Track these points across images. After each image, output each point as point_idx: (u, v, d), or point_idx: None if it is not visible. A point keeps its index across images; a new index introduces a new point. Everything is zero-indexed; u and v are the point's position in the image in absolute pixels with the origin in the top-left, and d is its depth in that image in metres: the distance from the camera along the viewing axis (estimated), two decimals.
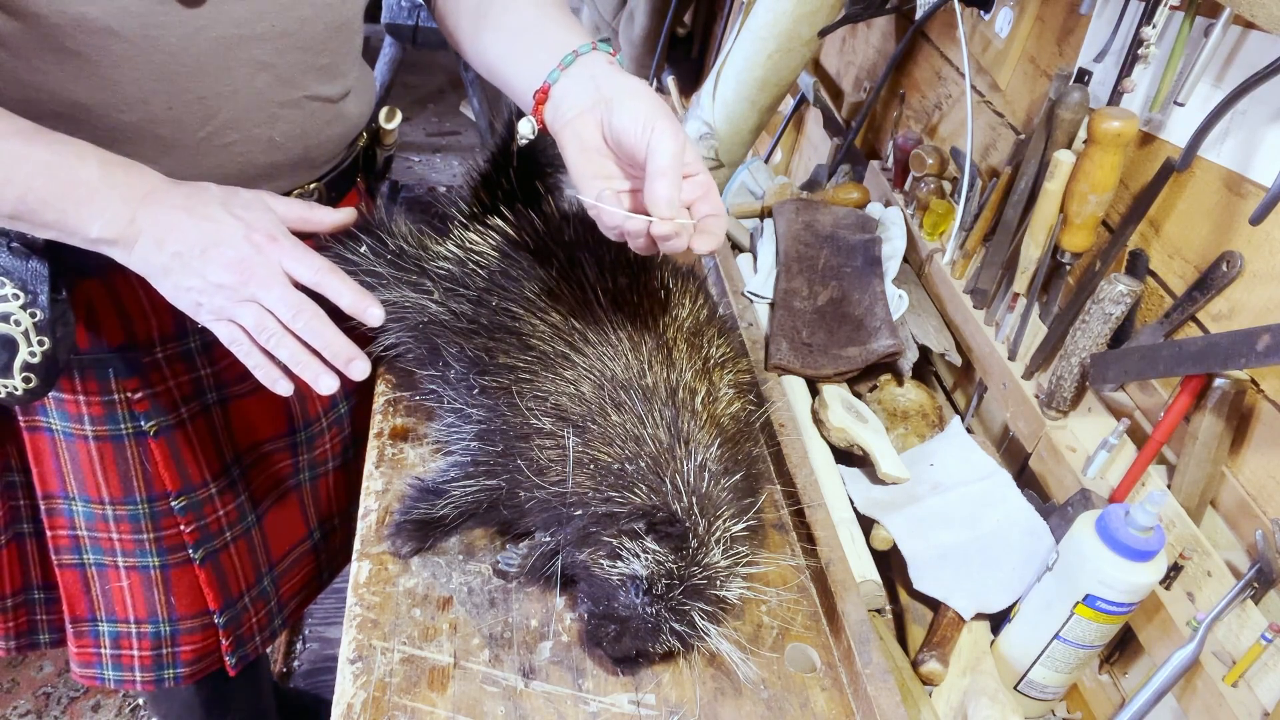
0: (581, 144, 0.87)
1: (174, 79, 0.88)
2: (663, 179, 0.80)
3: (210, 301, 0.85)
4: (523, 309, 0.97)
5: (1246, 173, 0.95)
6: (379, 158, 1.22)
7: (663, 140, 0.81)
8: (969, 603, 0.99)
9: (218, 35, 0.87)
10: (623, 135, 0.84)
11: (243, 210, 0.86)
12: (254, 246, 0.84)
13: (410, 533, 0.95)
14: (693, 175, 0.85)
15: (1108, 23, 1.14)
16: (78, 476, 1.06)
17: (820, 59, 2.17)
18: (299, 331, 0.85)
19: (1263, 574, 0.85)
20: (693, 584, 0.83)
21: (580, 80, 0.89)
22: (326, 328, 0.86)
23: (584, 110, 0.87)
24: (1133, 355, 0.99)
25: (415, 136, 4.35)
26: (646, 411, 0.88)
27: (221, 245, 0.84)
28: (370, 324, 0.89)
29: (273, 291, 0.84)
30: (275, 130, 0.97)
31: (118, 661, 1.17)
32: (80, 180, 0.82)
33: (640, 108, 0.83)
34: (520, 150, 1.16)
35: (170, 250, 0.83)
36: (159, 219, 0.83)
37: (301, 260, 0.86)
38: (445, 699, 0.83)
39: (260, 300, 0.84)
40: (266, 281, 0.84)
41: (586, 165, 0.87)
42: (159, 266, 0.84)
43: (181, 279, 0.84)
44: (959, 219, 1.32)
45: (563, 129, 0.89)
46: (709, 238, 0.85)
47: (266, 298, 0.84)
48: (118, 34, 0.83)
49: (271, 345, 0.86)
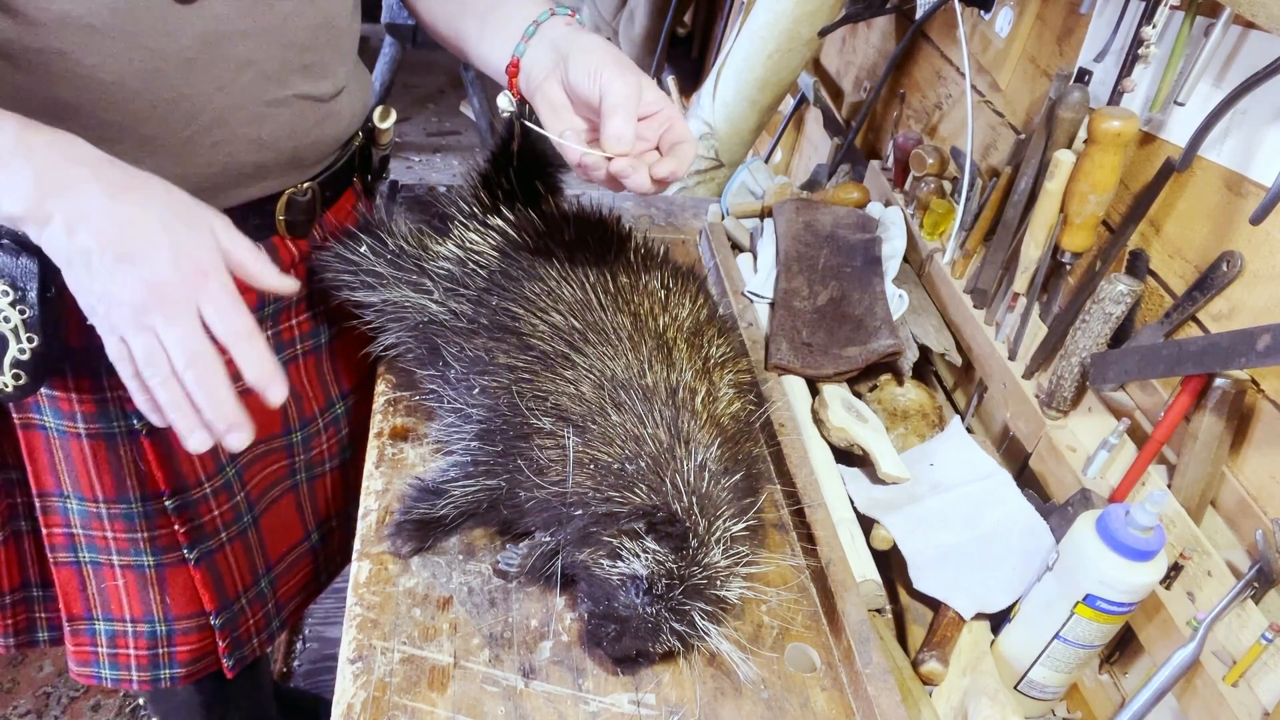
0: (551, 105, 0.93)
1: (156, 76, 0.87)
2: (612, 117, 0.86)
3: (106, 313, 0.77)
4: (523, 309, 0.97)
5: (1247, 172, 0.95)
6: (375, 157, 1.22)
7: (611, 83, 0.87)
8: (969, 603, 0.99)
9: (199, 32, 0.87)
10: (577, 87, 0.90)
11: (184, 229, 0.77)
12: (179, 274, 0.76)
13: (410, 533, 0.95)
14: (653, 114, 0.91)
15: (1108, 22, 1.14)
16: (71, 474, 1.06)
17: (820, 59, 2.17)
18: (187, 384, 0.77)
19: (1263, 574, 0.85)
20: (693, 584, 0.83)
21: (542, 47, 0.96)
22: (219, 387, 0.77)
23: (548, 73, 0.94)
24: (1133, 355, 0.99)
25: (415, 136, 4.34)
26: (646, 411, 0.88)
27: (139, 260, 0.75)
28: (269, 402, 0.80)
29: (175, 329, 0.76)
30: (262, 129, 0.97)
31: (114, 660, 1.17)
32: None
33: (590, 59, 0.90)
34: (520, 150, 1.16)
35: (79, 244, 0.75)
36: (76, 203, 0.75)
37: (224, 312, 0.77)
38: (445, 699, 0.83)
39: (159, 333, 0.76)
40: (173, 316, 0.76)
41: (557, 123, 0.93)
42: (64, 254, 0.76)
43: (83, 277, 0.76)
44: (959, 219, 1.32)
45: (534, 95, 0.95)
46: (673, 160, 0.89)
47: (166, 334, 0.76)
48: (99, 30, 0.82)
49: (153, 385, 0.77)
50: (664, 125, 0.91)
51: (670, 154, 0.91)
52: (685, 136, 0.91)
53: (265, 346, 0.80)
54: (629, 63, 0.91)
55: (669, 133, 0.91)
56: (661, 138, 0.92)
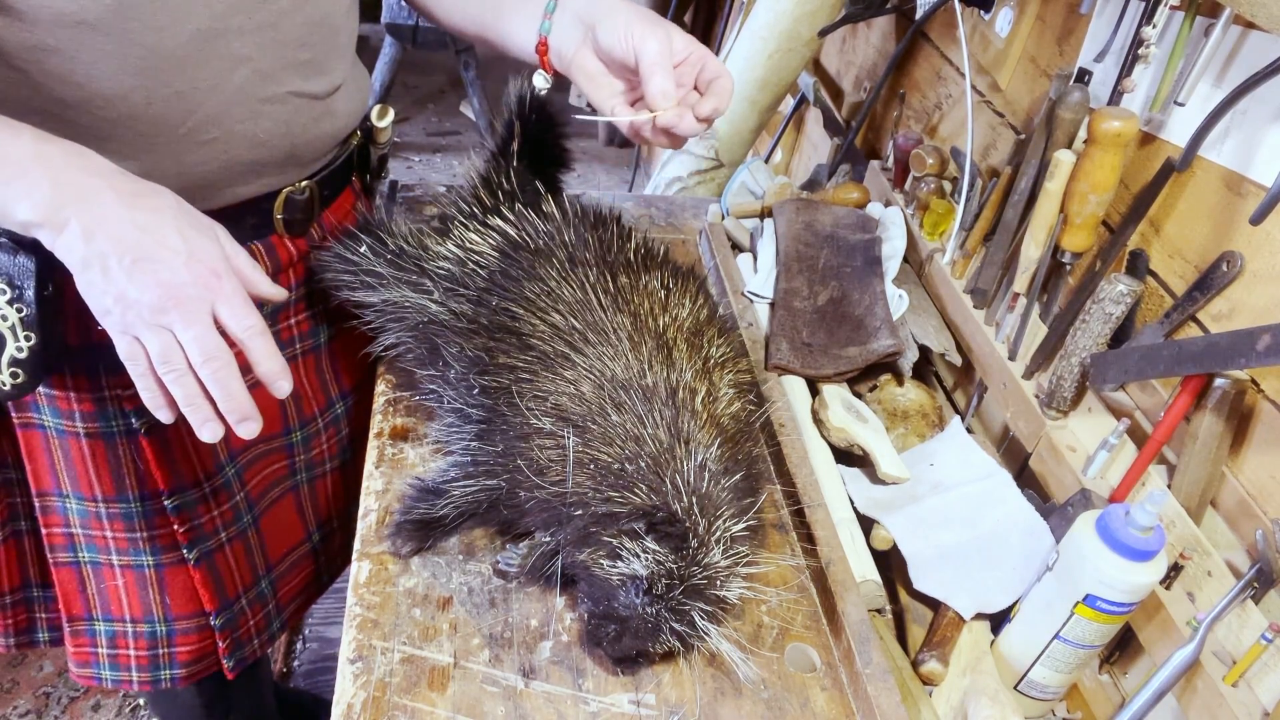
0: (587, 75, 0.98)
1: (151, 74, 0.87)
2: (654, 76, 0.91)
3: (121, 314, 0.80)
4: (523, 309, 0.97)
5: (1247, 172, 0.95)
6: (373, 156, 1.22)
7: (644, 42, 0.92)
8: (969, 603, 0.99)
9: (194, 28, 0.87)
10: (611, 50, 0.95)
11: (195, 234, 0.82)
12: (192, 276, 0.80)
13: (410, 533, 0.95)
14: (686, 58, 0.95)
15: (1108, 23, 1.14)
16: (70, 474, 1.06)
17: (820, 59, 2.17)
18: (205, 378, 0.81)
19: (1263, 574, 0.85)
20: (693, 584, 0.83)
21: (566, 20, 1.00)
22: (233, 380, 0.82)
23: (578, 45, 0.98)
24: (1133, 355, 0.99)
25: (415, 136, 4.35)
26: (646, 411, 0.88)
27: (156, 262, 0.79)
28: (276, 395, 0.85)
29: (192, 329, 0.80)
30: (258, 127, 0.97)
31: (114, 661, 1.17)
32: (8, 157, 0.77)
33: (618, 22, 0.93)
34: (520, 150, 1.16)
35: (97, 247, 0.78)
36: (94, 211, 0.78)
37: (237, 311, 0.82)
38: (445, 699, 0.83)
39: (175, 332, 0.80)
40: (190, 317, 0.80)
41: (598, 90, 0.98)
42: (80, 258, 0.79)
43: (98, 280, 0.79)
44: (959, 219, 1.32)
45: (569, 69, 1.00)
46: (713, 98, 0.95)
47: (184, 333, 0.80)
48: (94, 27, 0.82)
49: (169, 380, 0.81)
50: (698, 66, 0.96)
51: (710, 92, 0.96)
52: (720, 72, 0.96)
53: (274, 343, 0.85)
54: (652, 15, 0.95)
55: (704, 72, 0.96)
56: (698, 79, 0.96)
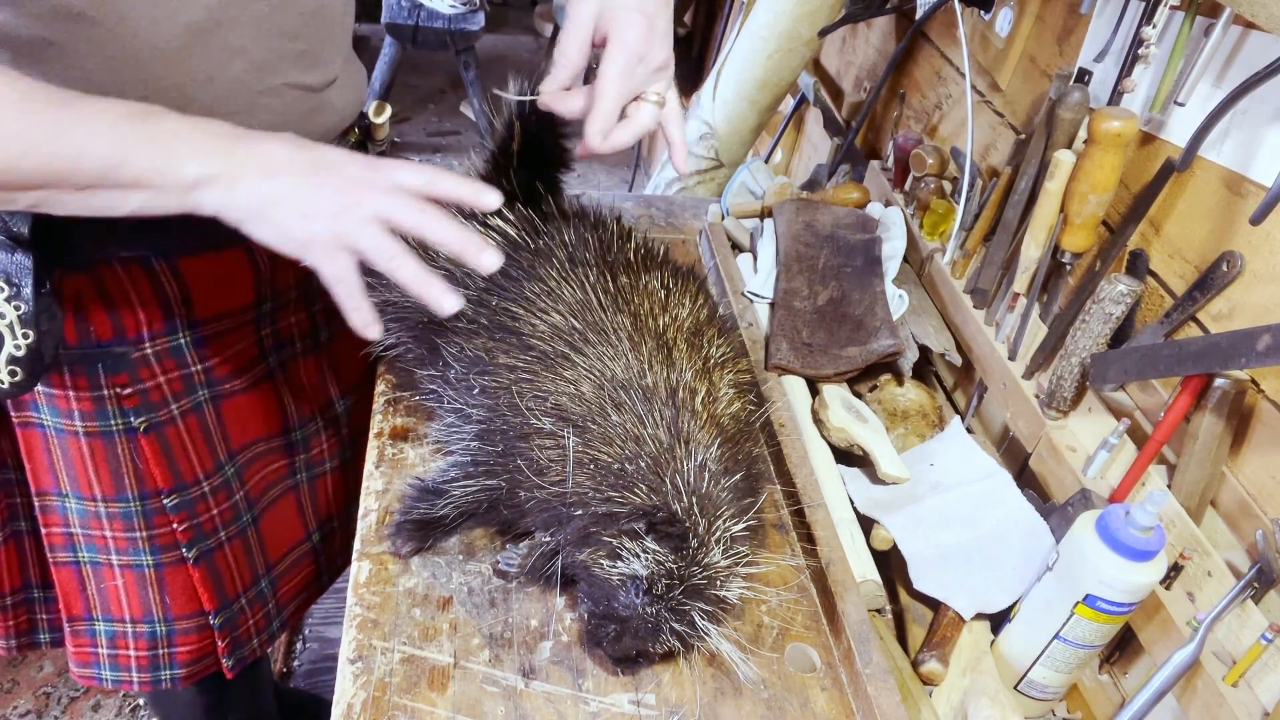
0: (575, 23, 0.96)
1: (148, 66, 0.87)
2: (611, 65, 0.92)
3: (326, 229, 0.81)
4: (523, 309, 0.97)
5: (1247, 173, 0.95)
6: (371, 153, 1.22)
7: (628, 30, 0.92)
8: (969, 603, 0.99)
9: (189, 20, 0.87)
10: None
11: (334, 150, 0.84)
12: (362, 165, 0.82)
13: (410, 533, 0.95)
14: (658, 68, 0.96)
15: (1108, 22, 1.14)
16: (70, 473, 1.06)
17: (820, 59, 2.17)
18: (427, 230, 0.82)
19: (1263, 574, 0.85)
20: (693, 584, 0.83)
21: None
22: (450, 223, 0.83)
23: None
24: (1133, 355, 0.99)
25: (415, 136, 4.35)
26: (646, 411, 0.88)
27: (330, 168, 0.81)
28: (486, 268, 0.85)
29: (394, 199, 0.82)
30: (255, 120, 0.96)
31: (115, 661, 1.17)
32: (165, 127, 0.79)
33: None
34: (520, 150, 1.16)
35: (282, 181, 0.80)
36: (260, 150, 0.80)
37: (409, 171, 0.84)
38: (445, 699, 0.83)
39: (380, 212, 0.81)
40: (386, 192, 0.82)
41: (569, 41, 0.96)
42: (267, 198, 0.80)
43: (292, 208, 0.80)
44: (959, 219, 1.32)
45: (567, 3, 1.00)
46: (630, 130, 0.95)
47: (387, 206, 0.81)
48: (92, 20, 0.82)
49: (395, 266, 0.82)
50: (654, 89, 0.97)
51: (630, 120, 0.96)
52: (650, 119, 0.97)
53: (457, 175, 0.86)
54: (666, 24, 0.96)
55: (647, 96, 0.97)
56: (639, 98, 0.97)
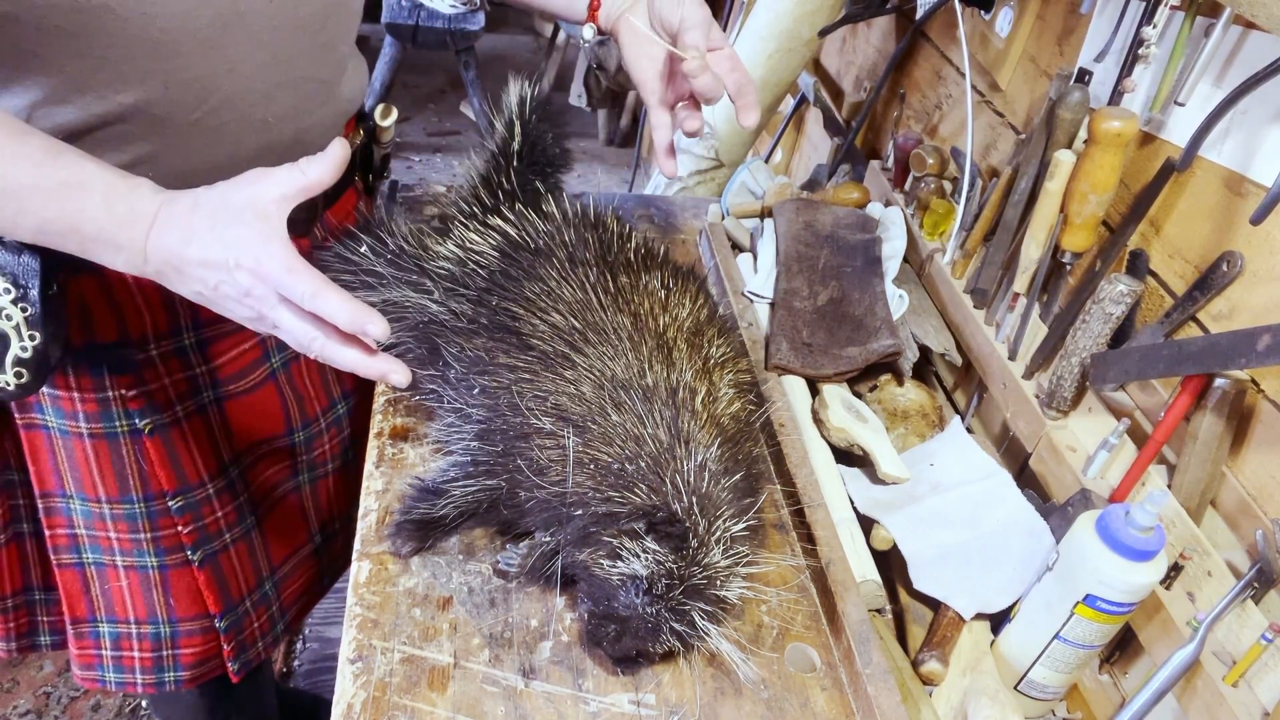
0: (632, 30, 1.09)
1: (171, 58, 0.86)
2: (690, 31, 1.01)
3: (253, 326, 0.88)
4: (523, 309, 0.97)
5: (1247, 173, 0.95)
6: (376, 156, 1.21)
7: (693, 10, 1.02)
8: (969, 603, 0.99)
9: (214, 12, 0.87)
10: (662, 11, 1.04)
11: (227, 230, 0.83)
12: (252, 277, 0.83)
13: (410, 533, 0.95)
14: (719, 49, 1.04)
15: (1108, 23, 1.14)
16: (74, 475, 1.06)
17: (820, 59, 2.17)
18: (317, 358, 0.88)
19: (1263, 574, 0.85)
20: (693, 584, 0.83)
21: None
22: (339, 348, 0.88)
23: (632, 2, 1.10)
24: (1133, 355, 0.99)
25: (415, 136, 4.35)
26: (646, 411, 0.88)
27: (224, 284, 0.84)
28: (375, 337, 0.87)
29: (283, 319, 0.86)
30: (269, 111, 0.96)
31: (118, 663, 1.17)
32: (88, 218, 0.81)
33: None
34: (521, 150, 1.16)
35: (191, 289, 0.85)
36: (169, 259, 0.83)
37: (291, 287, 0.84)
38: (445, 699, 0.83)
39: (280, 328, 0.86)
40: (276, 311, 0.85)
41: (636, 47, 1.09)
42: (193, 295, 0.86)
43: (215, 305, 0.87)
44: (959, 219, 1.32)
45: (615, 24, 1.13)
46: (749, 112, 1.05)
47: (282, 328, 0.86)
48: (114, 12, 0.82)
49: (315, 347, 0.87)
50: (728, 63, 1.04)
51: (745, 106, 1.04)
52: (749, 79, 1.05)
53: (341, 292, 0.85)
54: None
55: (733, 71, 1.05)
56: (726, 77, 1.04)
